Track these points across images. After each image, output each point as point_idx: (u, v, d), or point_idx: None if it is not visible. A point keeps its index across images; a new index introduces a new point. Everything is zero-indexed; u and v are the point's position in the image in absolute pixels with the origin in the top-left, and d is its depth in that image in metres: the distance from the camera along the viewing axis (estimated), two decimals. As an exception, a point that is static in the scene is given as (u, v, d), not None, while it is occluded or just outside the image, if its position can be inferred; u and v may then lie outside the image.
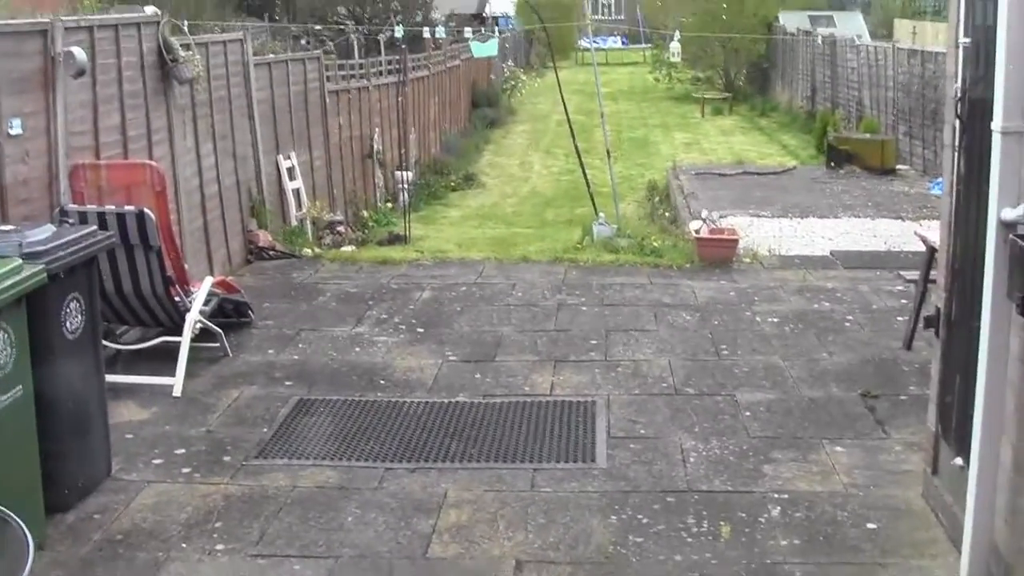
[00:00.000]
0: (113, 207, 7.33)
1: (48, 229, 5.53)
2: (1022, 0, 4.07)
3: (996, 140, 4.21)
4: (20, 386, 4.91)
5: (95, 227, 6.01)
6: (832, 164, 19.77)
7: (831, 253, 12.07)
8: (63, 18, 8.06)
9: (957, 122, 5.07)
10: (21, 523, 2.73)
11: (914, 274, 8.52)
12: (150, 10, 9.45)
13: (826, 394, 7.22)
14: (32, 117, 7.51)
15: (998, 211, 4.19)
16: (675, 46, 37.56)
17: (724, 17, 36.52)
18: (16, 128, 7.28)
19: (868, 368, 7.74)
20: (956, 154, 5.11)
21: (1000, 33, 4.16)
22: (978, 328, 4.40)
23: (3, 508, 3.15)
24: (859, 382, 7.40)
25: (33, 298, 5.07)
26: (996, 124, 4.20)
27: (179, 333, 7.59)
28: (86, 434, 5.71)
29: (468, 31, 25.94)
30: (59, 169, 7.75)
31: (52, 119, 7.69)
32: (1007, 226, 4.12)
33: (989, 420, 4.37)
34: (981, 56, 4.71)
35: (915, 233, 8.90)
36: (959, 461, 4.87)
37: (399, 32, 19.37)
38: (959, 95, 5.07)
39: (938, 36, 27.30)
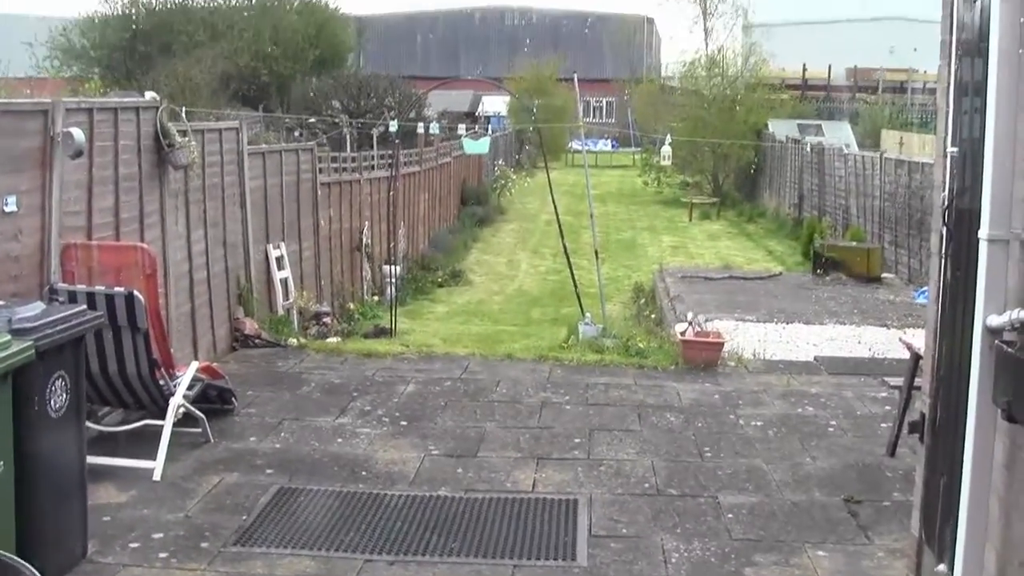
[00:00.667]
0: (103, 288, 7.33)
1: (38, 306, 5.53)
2: (1008, 113, 4.16)
3: (983, 247, 4.26)
4: (1, 462, 4.88)
5: (84, 306, 6.01)
6: (818, 271, 19.93)
7: (815, 359, 12.11)
8: (64, 99, 8.15)
9: (944, 230, 5.14)
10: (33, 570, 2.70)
11: (899, 380, 8.53)
12: (149, 95, 9.60)
13: (809, 498, 7.19)
14: (28, 195, 7.56)
15: (984, 318, 4.23)
16: (666, 150, 38.03)
17: (712, 123, 37.10)
18: (11, 205, 7.33)
19: (851, 473, 7.73)
20: (943, 261, 5.17)
21: (987, 144, 4.24)
22: (963, 434, 4.41)
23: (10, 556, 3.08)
24: (842, 487, 7.38)
25: (19, 374, 5.06)
26: (983, 232, 4.26)
27: (162, 416, 7.56)
28: (64, 515, 5.65)
29: (461, 128, 26.25)
30: (51, 247, 7.78)
31: (47, 198, 7.74)
32: (993, 332, 4.15)
33: (973, 526, 4.36)
34: (968, 166, 4.79)
35: (900, 340, 8.94)
36: (943, 568, 4.85)
37: (393, 126, 19.57)
38: (946, 203, 5.14)
39: (924, 147, 27.73)
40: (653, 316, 16.44)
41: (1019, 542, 4.01)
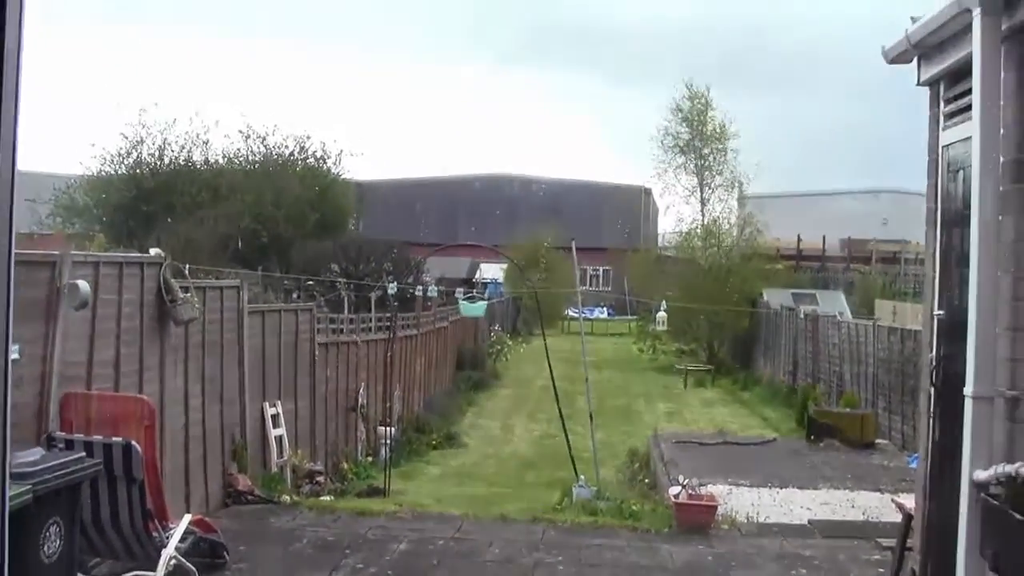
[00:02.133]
0: (100, 437, 7.38)
1: (37, 452, 5.62)
2: (989, 277, 4.32)
3: (968, 404, 4.37)
4: (-8, 607, 4.87)
5: (83, 454, 6.07)
6: (812, 437, 19.90)
7: (809, 522, 12.07)
8: (72, 252, 8.33)
9: (932, 389, 5.26)
10: None
11: (892, 542, 8.53)
12: (154, 251, 9.78)
13: (803, 661, 7.14)
14: (31, 344, 7.68)
15: (970, 472, 4.32)
16: (661, 315, 38.33)
17: (708, 291, 37.51)
18: (14, 354, 7.40)
19: (846, 636, 7.68)
20: (931, 420, 5.27)
21: (971, 307, 4.39)
22: (953, 588, 4.45)
23: None
24: (836, 650, 7.34)
25: (15, 518, 5.09)
26: (968, 389, 4.38)
27: (152, 568, 7.52)
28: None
29: (459, 291, 26.55)
30: (51, 397, 7.86)
31: (50, 348, 7.85)
32: (979, 486, 4.23)
33: None
34: (953, 329, 4.92)
35: (892, 501, 8.97)
36: None
37: (392, 289, 19.80)
38: (934, 364, 5.27)
39: (918, 316, 27.86)
40: (647, 480, 16.40)
41: None
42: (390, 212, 66.07)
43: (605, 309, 62.93)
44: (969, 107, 4.75)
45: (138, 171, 39.20)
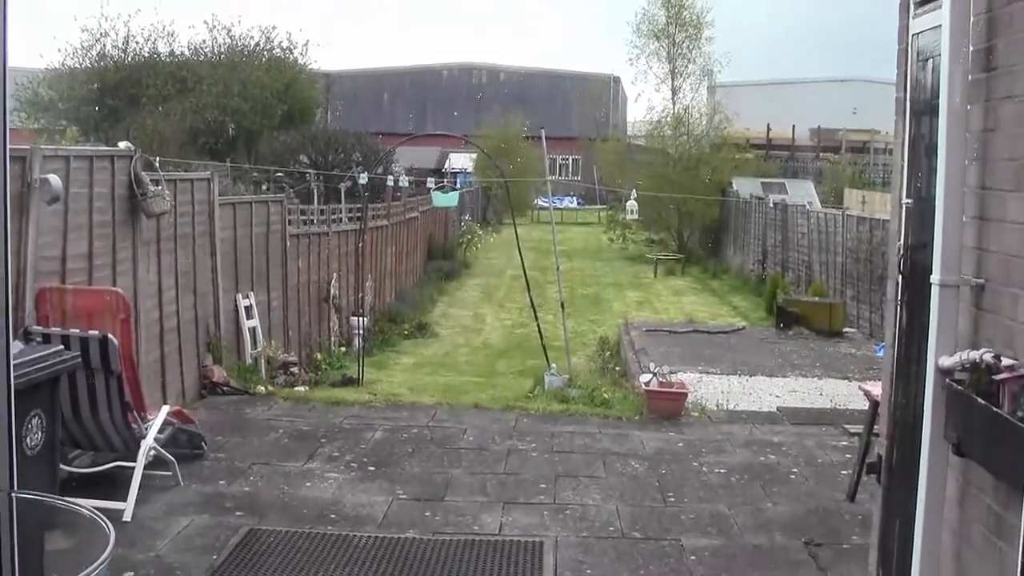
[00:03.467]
0: (77, 331, 7.41)
1: (16, 345, 5.63)
2: (957, 166, 4.37)
3: (934, 292, 4.45)
4: (-23, 498, 4.95)
5: (61, 347, 6.11)
6: (781, 326, 20.13)
7: (778, 409, 12.28)
8: (42, 147, 8.27)
9: (899, 277, 5.34)
10: (99, 514, 2.81)
11: (859, 428, 8.72)
12: (124, 145, 9.71)
13: (770, 541, 7.34)
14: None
15: (936, 359, 4.41)
16: (632, 204, 38.36)
17: (678, 180, 37.55)
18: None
19: (812, 518, 7.88)
20: (898, 308, 5.36)
21: (938, 195, 4.44)
22: (918, 473, 4.58)
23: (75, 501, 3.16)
24: (803, 531, 7.53)
25: (-3, 411, 5.14)
26: (934, 277, 4.45)
27: (132, 459, 7.62)
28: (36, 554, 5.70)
29: (429, 182, 26.47)
30: (26, 292, 7.87)
31: (23, 243, 7.84)
32: (944, 372, 4.33)
33: (927, 562, 4.51)
34: (922, 217, 4.99)
35: (859, 388, 9.14)
36: (898, 603, 5.00)
37: (363, 178, 19.72)
38: (901, 252, 5.35)
39: (887, 206, 28.01)
40: (618, 368, 16.58)
41: (971, 575, 4.17)
42: (358, 103, 65.56)
43: (574, 199, 62.94)
44: (940, -5, 4.75)
45: (102, 64, 38.64)
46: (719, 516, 7.90)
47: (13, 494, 2.66)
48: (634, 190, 37.99)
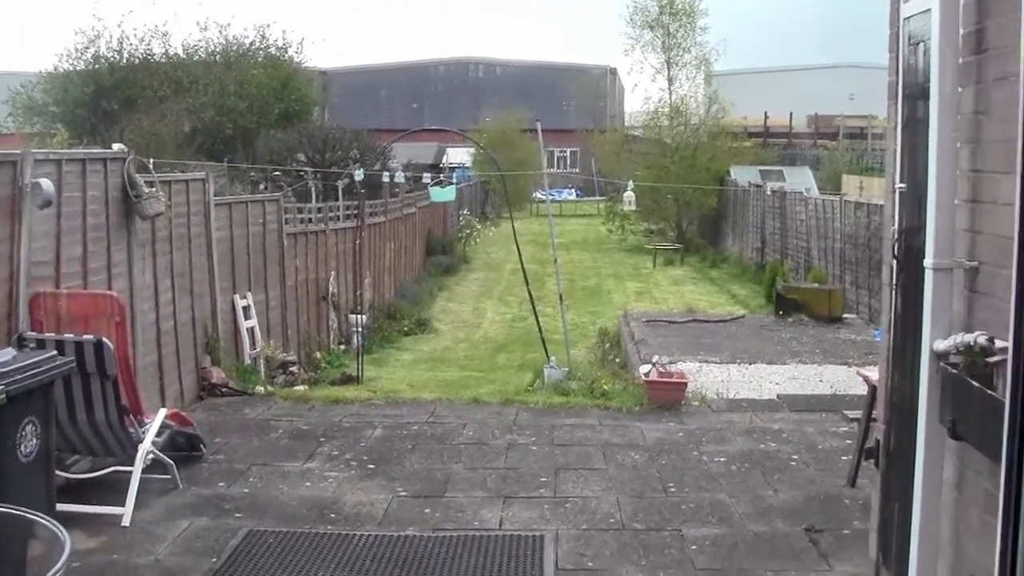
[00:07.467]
0: (72, 335, 7.39)
1: (8, 352, 5.62)
2: (948, 149, 4.35)
3: (928, 276, 4.43)
4: (-29, 506, 4.93)
5: (54, 352, 6.09)
6: (780, 313, 20.09)
7: (778, 396, 12.26)
8: (33, 150, 8.24)
9: (894, 262, 5.32)
10: (55, 523, 2.80)
11: (858, 414, 8.70)
12: (117, 147, 9.68)
13: (771, 529, 7.32)
14: (-4, 245, 7.64)
15: (930, 343, 4.39)
16: (629, 194, 38.35)
17: (675, 170, 37.51)
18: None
19: (813, 504, 7.86)
20: (893, 292, 5.34)
21: (931, 179, 4.42)
22: (915, 457, 4.56)
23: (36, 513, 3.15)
24: (804, 517, 7.51)
25: (-10, 418, 5.13)
26: (928, 261, 4.43)
27: (130, 463, 7.60)
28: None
29: (426, 177, 26.45)
30: (19, 297, 7.84)
31: (16, 248, 7.81)
32: (939, 356, 4.31)
33: (925, 545, 4.50)
34: (915, 201, 4.96)
35: (858, 373, 9.12)
36: (898, 588, 4.98)
37: (359, 175, 19.69)
38: (896, 236, 5.32)
39: (884, 191, 28.04)
40: (618, 360, 16.57)
41: (968, 557, 4.15)
42: (355, 100, 65.53)
43: (573, 190, 62.89)
44: (930, -22, 4.72)
45: (97, 66, 38.60)
46: (720, 505, 7.88)
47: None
48: (631, 181, 37.94)
